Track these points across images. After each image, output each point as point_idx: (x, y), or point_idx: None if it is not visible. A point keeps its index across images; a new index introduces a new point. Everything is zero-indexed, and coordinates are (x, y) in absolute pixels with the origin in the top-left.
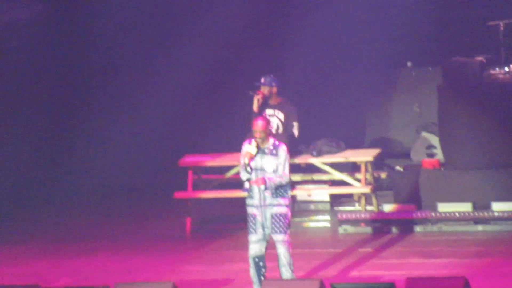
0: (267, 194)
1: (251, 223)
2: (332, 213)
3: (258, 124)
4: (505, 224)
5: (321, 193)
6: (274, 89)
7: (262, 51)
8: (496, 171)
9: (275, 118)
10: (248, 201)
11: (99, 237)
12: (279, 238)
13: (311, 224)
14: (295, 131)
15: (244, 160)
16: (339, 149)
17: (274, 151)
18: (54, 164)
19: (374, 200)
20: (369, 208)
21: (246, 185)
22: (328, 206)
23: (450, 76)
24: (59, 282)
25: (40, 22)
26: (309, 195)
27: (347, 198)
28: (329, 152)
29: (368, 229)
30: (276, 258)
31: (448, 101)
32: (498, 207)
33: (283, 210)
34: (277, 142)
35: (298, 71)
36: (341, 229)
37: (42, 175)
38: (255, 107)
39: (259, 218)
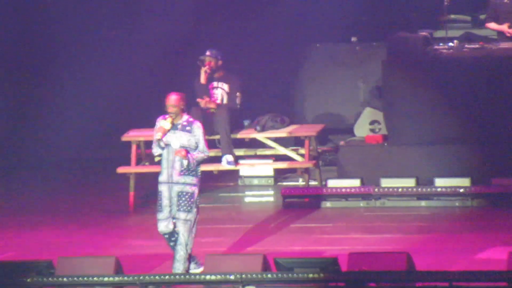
0: (175, 171)
1: (159, 200)
2: (276, 188)
3: (171, 99)
4: (448, 200)
5: (265, 168)
6: (220, 62)
7: (207, 26)
8: (440, 146)
9: (220, 89)
10: (159, 177)
11: (43, 211)
12: (181, 216)
13: (255, 199)
14: (237, 101)
15: (157, 135)
16: (283, 124)
17: (187, 127)
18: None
19: (318, 175)
20: (312, 183)
21: (157, 159)
22: (272, 181)
23: (394, 51)
24: (3, 256)
25: None
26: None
27: (291, 174)
28: (273, 128)
29: (312, 204)
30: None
31: (392, 76)
32: (440, 183)
33: (190, 189)
34: (191, 119)
35: (243, 46)
36: (284, 204)
37: None
38: (202, 79)
39: (166, 194)
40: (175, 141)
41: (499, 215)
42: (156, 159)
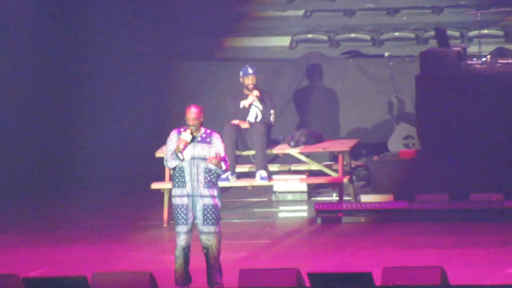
0: (200, 184)
1: (181, 213)
2: (310, 203)
3: (192, 111)
4: (482, 214)
5: (299, 184)
6: (255, 79)
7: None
8: (473, 161)
9: (254, 107)
10: (177, 191)
11: (78, 226)
12: (210, 229)
13: (288, 215)
14: (271, 119)
15: (179, 146)
16: (317, 139)
17: (207, 139)
18: (38, 151)
19: (351, 190)
20: (346, 198)
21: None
22: (305, 196)
23: (428, 66)
24: (38, 272)
25: None
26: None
27: (325, 189)
28: (307, 143)
29: (345, 219)
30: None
31: (426, 91)
32: (474, 198)
33: (214, 201)
34: (208, 131)
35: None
36: (318, 219)
37: (28, 163)
38: (247, 103)
39: (190, 208)
40: (200, 153)
41: None
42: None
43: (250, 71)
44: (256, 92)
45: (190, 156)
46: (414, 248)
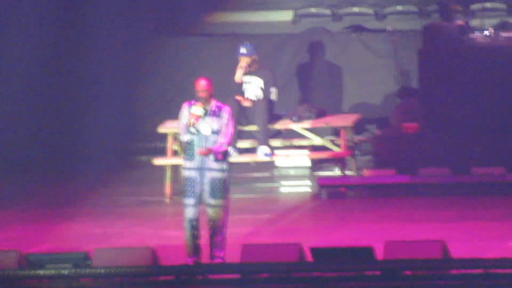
0: (208, 157)
1: (189, 186)
2: (313, 178)
3: (201, 84)
4: (484, 188)
5: (302, 159)
6: (255, 57)
7: None
8: (475, 135)
9: (254, 85)
10: (186, 163)
11: (79, 203)
12: (217, 202)
13: (291, 190)
14: (273, 97)
15: (191, 120)
16: (319, 115)
17: (217, 113)
18: (39, 127)
19: (353, 165)
20: (348, 173)
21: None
22: (308, 172)
23: (430, 40)
24: (39, 248)
25: None
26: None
27: (327, 164)
28: (310, 118)
29: (348, 194)
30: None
31: (428, 65)
32: (476, 171)
33: (223, 174)
34: (219, 103)
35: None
36: (323, 193)
37: (30, 139)
38: (237, 77)
39: (197, 181)
40: (206, 127)
41: None
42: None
43: (242, 50)
44: (241, 65)
45: (198, 129)
46: (416, 222)
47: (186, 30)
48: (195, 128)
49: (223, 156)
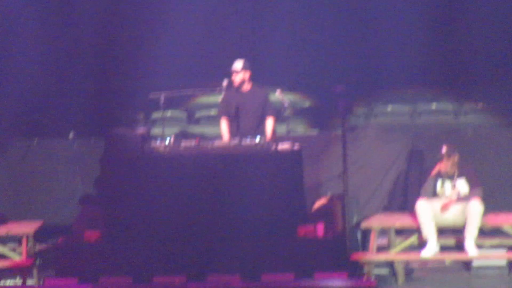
0: None
1: None
2: None
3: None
4: None
5: None
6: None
7: None
8: (157, 243)
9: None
10: None
11: None
12: None
13: None
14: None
15: None
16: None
17: None
18: None
19: (35, 274)
20: (30, 282)
21: None
22: None
23: (112, 148)
24: None
25: None
26: None
27: (8, 273)
28: None
29: None
30: None
31: (110, 173)
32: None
33: None
34: None
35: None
36: None
37: None
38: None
39: None
40: None
41: None
42: None
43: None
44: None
45: None
46: None
47: None
48: None
49: None
